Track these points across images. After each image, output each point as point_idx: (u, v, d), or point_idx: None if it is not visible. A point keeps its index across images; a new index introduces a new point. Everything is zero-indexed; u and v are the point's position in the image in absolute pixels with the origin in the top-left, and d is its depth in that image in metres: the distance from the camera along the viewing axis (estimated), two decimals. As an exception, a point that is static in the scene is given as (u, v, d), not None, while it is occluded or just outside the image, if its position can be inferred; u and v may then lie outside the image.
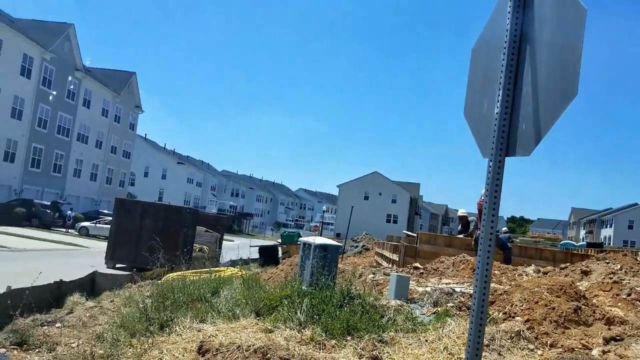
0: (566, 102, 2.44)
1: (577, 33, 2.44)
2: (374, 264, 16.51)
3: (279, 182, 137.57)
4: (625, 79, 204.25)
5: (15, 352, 6.68)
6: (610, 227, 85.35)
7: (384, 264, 14.91)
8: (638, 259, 10.24)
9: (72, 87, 48.01)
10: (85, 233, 35.75)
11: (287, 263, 16.25)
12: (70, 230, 37.59)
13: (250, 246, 25.34)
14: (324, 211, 73.91)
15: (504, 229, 26.75)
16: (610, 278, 7.55)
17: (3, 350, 6.71)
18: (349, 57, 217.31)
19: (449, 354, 4.79)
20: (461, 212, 15.14)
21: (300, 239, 11.51)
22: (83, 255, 23.75)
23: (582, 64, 2.41)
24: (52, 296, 9.71)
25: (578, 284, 7.48)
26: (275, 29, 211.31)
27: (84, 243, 29.56)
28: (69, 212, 40.92)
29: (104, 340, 6.84)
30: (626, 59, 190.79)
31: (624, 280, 7.40)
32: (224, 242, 26.60)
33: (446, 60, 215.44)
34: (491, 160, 2.82)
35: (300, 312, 6.07)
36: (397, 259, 13.12)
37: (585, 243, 37.81)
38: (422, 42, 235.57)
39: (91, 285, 11.55)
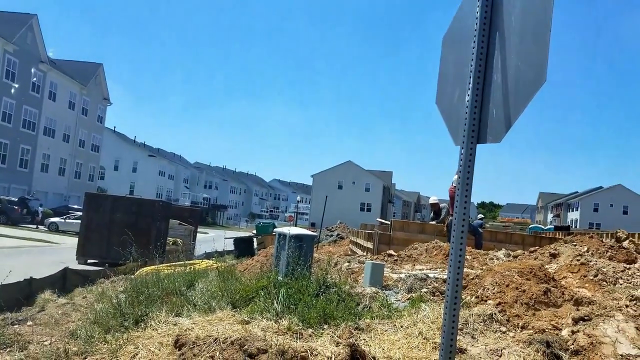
0: (535, 89, 2.48)
1: (545, 20, 2.47)
2: (349, 252, 16.61)
3: (253, 173, 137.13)
4: (592, 63, 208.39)
5: (-15, 352, 6.55)
6: (577, 210, 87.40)
7: (359, 252, 15.01)
8: (604, 241, 10.51)
9: (36, 79, 46.77)
10: (54, 229, 35.09)
11: (262, 254, 16.22)
12: (39, 227, 36.83)
13: (225, 238, 25.23)
14: (298, 201, 73.77)
15: (480, 215, 27.17)
16: (578, 260, 7.73)
17: None
18: (320, 43, 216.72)
19: (424, 338, 4.87)
20: (432, 199, 15.31)
21: (275, 229, 11.50)
22: (53, 251, 23.31)
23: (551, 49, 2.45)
24: (22, 294, 9.54)
25: (547, 266, 7.66)
26: (246, 15, 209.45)
27: (53, 239, 29.00)
28: (39, 207, 40.07)
29: (77, 337, 6.75)
30: (593, 41, 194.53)
31: (590, 262, 7.59)
32: (198, 234, 26.41)
33: (417, 48, 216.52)
34: (463, 148, 2.86)
35: (277, 302, 6.08)
36: (372, 247, 13.22)
37: (552, 226, 38.66)
38: (393, 28, 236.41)
39: (63, 282, 11.37)
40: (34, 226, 37.13)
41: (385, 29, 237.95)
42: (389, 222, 16.33)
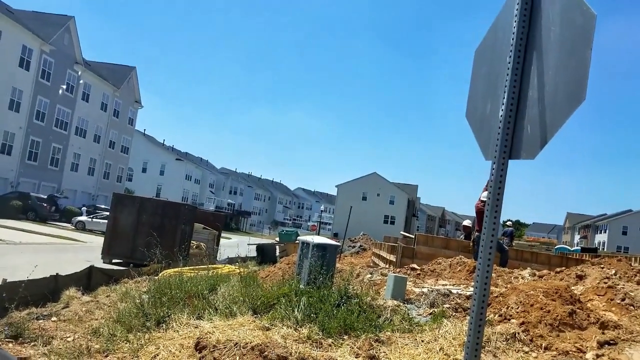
0: (573, 107, 2.43)
1: (585, 38, 2.43)
2: (371, 264, 16.53)
3: (278, 180, 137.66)
4: (624, 83, 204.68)
5: (10, 345, 6.67)
6: (605, 232, 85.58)
7: (381, 264, 14.93)
8: (632, 264, 10.28)
9: (71, 80, 47.84)
10: (81, 227, 35.67)
11: (284, 262, 16.24)
12: (58, 223, 37.33)
13: (248, 244, 25.33)
14: (321, 211, 73.85)
15: (508, 222, 26.76)
16: (605, 283, 7.57)
17: None
18: (351, 56, 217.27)
19: (445, 354, 4.81)
20: (466, 222, 15.27)
21: (298, 237, 11.52)
22: (79, 249, 23.70)
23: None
24: (48, 290, 9.66)
25: (573, 288, 7.51)
26: (280, 25, 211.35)
27: (80, 237, 29.49)
28: (60, 204, 40.82)
29: (100, 334, 6.84)
30: (625, 61, 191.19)
31: (618, 285, 7.42)
32: (221, 239, 26.57)
33: (447, 62, 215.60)
34: (494, 163, 2.83)
35: (298, 310, 6.08)
36: (395, 260, 13.14)
37: (579, 248, 37.96)
38: (424, 43, 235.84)
39: (87, 280, 11.52)
40: (57, 223, 37.65)
41: (416, 39, 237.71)
42: (412, 236, 16.22)
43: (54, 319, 8.19)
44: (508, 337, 5.24)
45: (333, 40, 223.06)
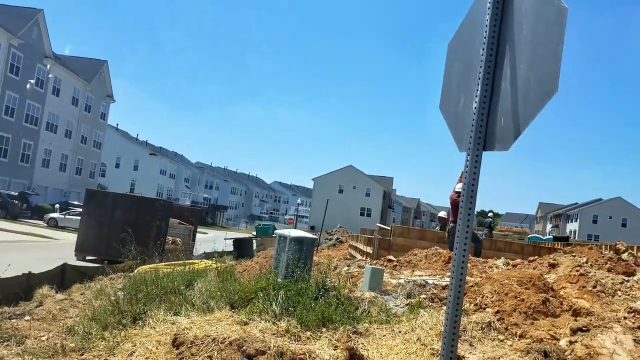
0: (546, 99, 2.47)
1: (557, 31, 2.46)
2: (348, 256, 16.60)
3: (254, 174, 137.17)
4: (598, 74, 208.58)
5: (-18, 345, 6.53)
6: (576, 221, 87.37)
7: (358, 256, 15.00)
8: (603, 252, 10.51)
9: (40, 74, 46.84)
10: (54, 224, 35.06)
11: (261, 255, 16.19)
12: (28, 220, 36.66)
13: (225, 239, 25.20)
14: (298, 204, 73.89)
15: (490, 213, 27.09)
16: (577, 271, 7.73)
17: None
18: (326, 46, 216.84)
19: (422, 344, 4.86)
20: (442, 214, 15.40)
21: (275, 231, 11.50)
22: (52, 247, 23.32)
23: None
24: (20, 289, 9.53)
25: (546, 276, 7.65)
26: (251, 14, 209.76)
27: (52, 235, 29.01)
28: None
29: (75, 333, 6.74)
30: (602, 53, 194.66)
31: (589, 273, 7.59)
32: (197, 234, 26.40)
33: (423, 55, 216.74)
34: (469, 154, 2.86)
35: (276, 304, 6.07)
36: (371, 252, 13.22)
37: (551, 237, 38.67)
38: (406, 32, 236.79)
39: (61, 278, 11.37)
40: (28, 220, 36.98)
41: (394, 32, 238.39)
42: (388, 228, 16.34)
43: (27, 318, 8.06)
44: (484, 325, 5.32)
45: (311, 31, 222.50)
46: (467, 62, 3.13)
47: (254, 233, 27.97)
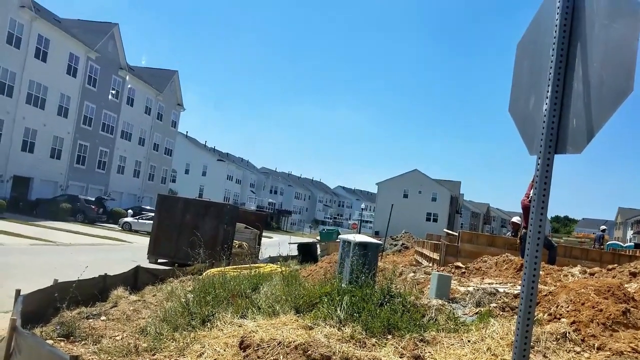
0: (620, 99, 2.36)
1: (632, 29, 2.35)
2: (414, 262, 16.37)
3: (318, 179, 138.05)
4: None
5: (62, 343, 6.88)
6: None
7: (424, 262, 14.77)
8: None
9: (116, 85, 49.20)
10: (128, 228, 36.61)
11: (325, 260, 16.26)
12: (105, 225, 38.39)
13: (289, 243, 25.48)
14: (362, 209, 73.66)
15: (602, 227, 25.99)
16: (661, 280, 7.28)
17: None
18: (392, 51, 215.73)
19: (492, 354, 4.71)
20: (515, 219, 14.83)
21: (339, 236, 11.50)
22: (126, 250, 24.33)
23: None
24: (97, 290, 9.94)
25: (626, 285, 7.24)
26: (321, 21, 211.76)
27: (126, 238, 30.28)
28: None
29: (147, 333, 6.98)
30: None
31: (675, 282, 7.12)
32: (263, 238, 26.81)
33: (490, 57, 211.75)
34: (539, 158, 2.75)
35: (340, 309, 6.06)
36: (438, 258, 12.97)
37: (632, 244, 36.64)
38: (469, 37, 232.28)
39: (134, 280, 11.79)
40: (104, 224, 38.76)
41: (458, 32, 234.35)
42: (456, 233, 15.97)
43: (103, 318, 8.41)
44: (558, 336, 5.09)
45: (376, 34, 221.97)
46: (537, 63, 3.02)
47: (318, 238, 28.12)
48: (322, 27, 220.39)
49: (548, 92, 2.77)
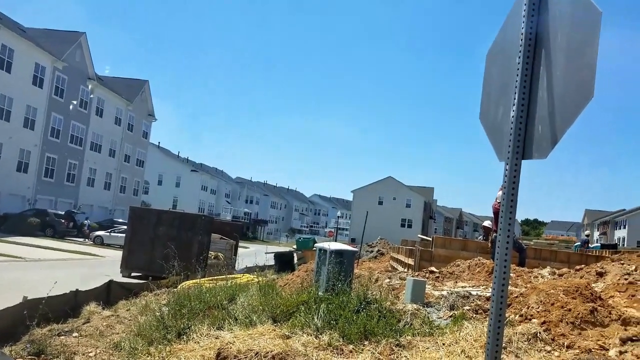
0: (582, 105, 2.45)
1: (592, 36, 2.44)
2: (390, 268, 16.48)
3: (294, 188, 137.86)
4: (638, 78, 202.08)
5: (33, 361, 6.75)
6: (624, 228, 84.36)
7: (400, 268, 14.88)
8: (655, 259, 10.13)
9: (84, 96, 48.40)
10: (100, 242, 35.99)
11: (302, 269, 16.25)
12: (86, 240, 37.79)
13: (266, 253, 25.40)
14: (338, 217, 73.79)
15: (586, 232, 26.34)
16: (626, 279, 7.48)
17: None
18: (362, 60, 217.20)
19: (466, 356, 4.79)
20: (486, 223, 15.02)
21: (316, 244, 11.53)
22: (98, 264, 23.92)
23: (598, 65, 2.41)
24: (68, 306, 9.75)
25: (594, 285, 7.42)
26: (292, 29, 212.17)
27: (98, 252, 29.77)
28: (86, 221, 41.21)
29: (121, 349, 6.90)
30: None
31: (639, 281, 7.33)
32: (239, 249, 26.66)
33: (461, 64, 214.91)
34: (507, 164, 2.84)
35: (317, 317, 6.08)
36: (413, 263, 13.09)
37: (599, 244, 37.48)
38: (437, 44, 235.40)
39: (107, 295, 11.62)
40: (83, 239, 38.06)
41: (431, 44, 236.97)
42: (430, 239, 16.15)
43: (75, 334, 8.27)
44: (529, 337, 5.20)
45: (346, 41, 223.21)
46: (505, 72, 3.11)
47: (295, 247, 28.09)
48: (292, 37, 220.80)
49: (515, 100, 2.86)
